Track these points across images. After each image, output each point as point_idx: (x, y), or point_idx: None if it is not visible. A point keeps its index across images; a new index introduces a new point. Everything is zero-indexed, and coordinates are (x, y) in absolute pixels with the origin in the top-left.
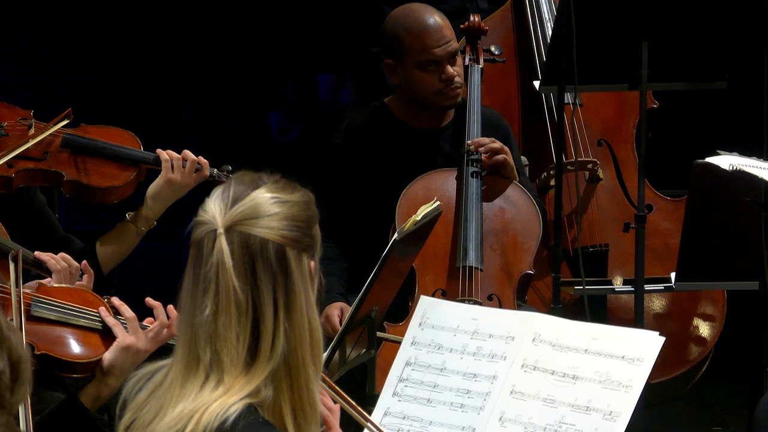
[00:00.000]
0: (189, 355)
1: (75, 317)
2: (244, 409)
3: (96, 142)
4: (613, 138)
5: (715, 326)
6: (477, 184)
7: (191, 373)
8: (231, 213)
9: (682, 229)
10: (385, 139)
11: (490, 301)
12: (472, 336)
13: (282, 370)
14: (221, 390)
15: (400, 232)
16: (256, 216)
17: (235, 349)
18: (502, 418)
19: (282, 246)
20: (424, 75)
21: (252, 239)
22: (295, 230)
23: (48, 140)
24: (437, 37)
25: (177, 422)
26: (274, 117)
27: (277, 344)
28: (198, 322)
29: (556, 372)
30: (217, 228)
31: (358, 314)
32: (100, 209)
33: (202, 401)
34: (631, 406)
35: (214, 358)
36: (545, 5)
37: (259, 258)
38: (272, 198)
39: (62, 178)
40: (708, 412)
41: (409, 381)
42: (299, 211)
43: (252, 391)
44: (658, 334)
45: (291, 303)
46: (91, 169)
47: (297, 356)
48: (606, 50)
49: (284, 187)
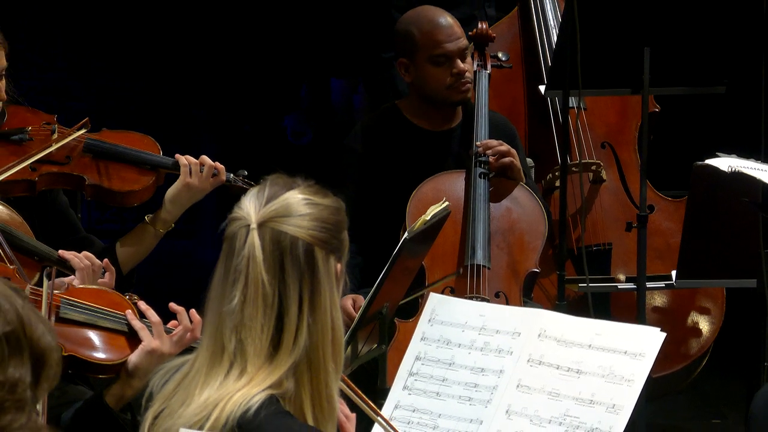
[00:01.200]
0: (215, 344)
1: (102, 319)
2: (266, 399)
3: (117, 147)
4: (616, 140)
5: (715, 322)
6: (484, 185)
7: (216, 361)
8: (264, 210)
9: (682, 229)
10: (396, 140)
11: (497, 298)
12: (480, 332)
13: (303, 364)
14: (245, 380)
15: (410, 231)
16: (288, 215)
17: (259, 339)
18: (508, 411)
19: (311, 245)
20: (435, 69)
21: (283, 236)
22: (324, 232)
23: (70, 145)
24: (448, 33)
25: (202, 410)
26: (289, 121)
27: (300, 338)
28: (225, 312)
29: (561, 366)
30: (251, 223)
31: (369, 310)
32: (121, 209)
33: (226, 390)
34: (634, 399)
35: (239, 347)
36: (550, 13)
37: (288, 254)
38: (304, 199)
39: (84, 181)
40: (707, 405)
41: (419, 375)
42: (329, 214)
43: (274, 382)
44: (659, 330)
45: (316, 300)
46: (112, 173)
47: (318, 352)
48: (609, 56)
49: (317, 191)
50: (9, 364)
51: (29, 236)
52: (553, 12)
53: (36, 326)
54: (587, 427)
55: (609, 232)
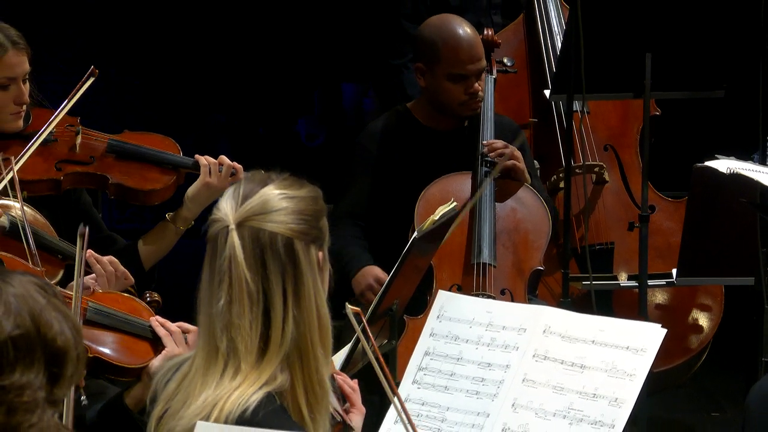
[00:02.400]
0: (209, 344)
1: (127, 324)
2: (263, 398)
3: (139, 147)
4: (619, 143)
5: (714, 319)
6: (490, 186)
7: (211, 362)
8: (241, 210)
9: (682, 228)
10: (406, 141)
11: (503, 295)
12: (487, 328)
13: (294, 354)
14: (240, 378)
15: (420, 230)
16: (265, 211)
17: (248, 336)
18: (514, 405)
19: (290, 239)
20: (452, 86)
21: (262, 233)
22: (302, 223)
23: (94, 146)
24: (471, 54)
25: (201, 410)
26: (302, 123)
27: (287, 330)
28: (214, 313)
29: (565, 361)
30: (229, 224)
31: (380, 307)
32: (141, 208)
33: (223, 390)
34: (635, 393)
35: (230, 346)
36: (555, 20)
37: (268, 250)
38: (280, 194)
39: (107, 181)
40: (707, 398)
41: (427, 370)
42: (306, 205)
43: (269, 378)
44: (660, 326)
45: (299, 291)
46: (135, 172)
47: (306, 341)
48: (612, 61)
49: (292, 183)
50: (16, 369)
51: (51, 235)
52: (557, 19)
53: (52, 325)
54: (591, 420)
55: (611, 231)
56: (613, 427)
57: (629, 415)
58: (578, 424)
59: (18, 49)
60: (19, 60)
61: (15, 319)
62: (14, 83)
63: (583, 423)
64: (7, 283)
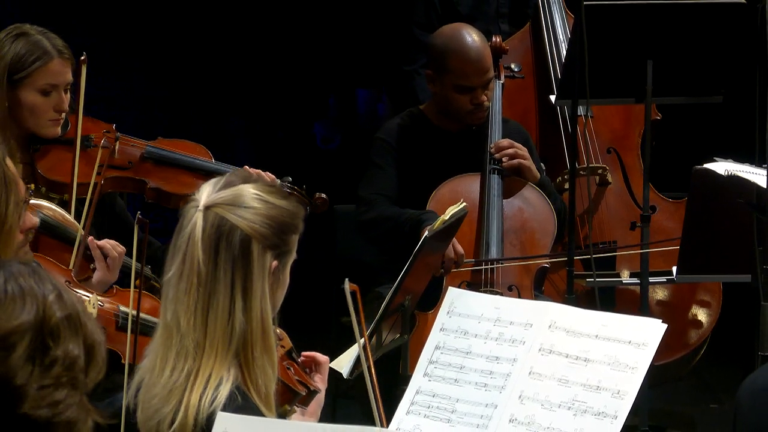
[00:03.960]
0: (162, 315)
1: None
2: (228, 396)
3: (175, 154)
4: (621, 146)
5: (712, 314)
6: (498, 186)
7: (166, 334)
8: (214, 195)
9: (682, 228)
10: (419, 138)
11: (510, 291)
12: (495, 323)
13: (241, 352)
14: (191, 364)
15: (430, 229)
16: (234, 204)
17: (192, 315)
18: (521, 396)
19: (248, 237)
20: (458, 96)
21: (224, 222)
22: (266, 228)
23: (131, 152)
24: (478, 67)
25: (167, 400)
26: (318, 128)
27: (235, 322)
28: (165, 282)
29: (570, 355)
30: (199, 205)
31: (392, 303)
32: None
33: (180, 377)
34: (637, 385)
35: (174, 318)
36: (560, 28)
37: (224, 240)
38: (255, 195)
39: (146, 185)
40: (706, 391)
41: (438, 363)
42: (278, 214)
43: (225, 374)
44: (661, 322)
45: (247, 287)
46: (171, 177)
47: (248, 338)
48: (614, 68)
49: (274, 192)
50: (69, 341)
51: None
52: (562, 27)
53: (89, 320)
54: (594, 412)
55: (614, 230)
56: (615, 418)
57: (631, 406)
58: (582, 415)
59: (63, 58)
60: (63, 69)
61: (65, 302)
62: (56, 90)
63: (587, 414)
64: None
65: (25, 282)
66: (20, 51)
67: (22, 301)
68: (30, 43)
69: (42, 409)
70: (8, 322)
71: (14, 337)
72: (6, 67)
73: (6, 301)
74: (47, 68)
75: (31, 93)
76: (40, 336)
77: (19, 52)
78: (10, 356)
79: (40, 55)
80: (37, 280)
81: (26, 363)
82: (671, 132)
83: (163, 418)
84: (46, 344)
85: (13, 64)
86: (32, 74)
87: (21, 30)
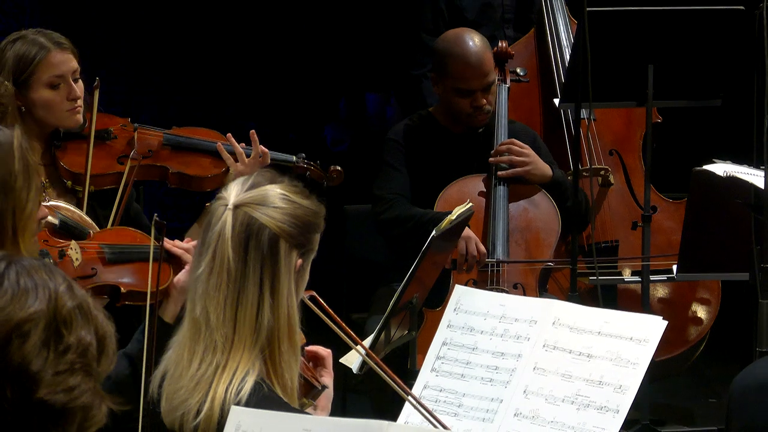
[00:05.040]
0: (191, 310)
1: (138, 254)
2: (254, 386)
3: (191, 139)
4: (623, 148)
5: (711, 312)
6: (504, 188)
7: (194, 329)
8: (243, 195)
9: (682, 227)
10: (427, 139)
11: (515, 289)
12: (500, 320)
13: (266, 347)
14: (219, 357)
15: (438, 229)
16: (263, 204)
17: (222, 310)
18: (526, 391)
19: (276, 236)
20: (458, 98)
21: (252, 221)
22: (293, 227)
23: (150, 141)
24: (477, 71)
25: (192, 392)
26: (329, 130)
27: (262, 317)
28: (194, 278)
29: (573, 351)
30: (228, 204)
31: (401, 301)
32: (179, 209)
33: (208, 370)
34: (638, 381)
35: (204, 314)
36: (564, 33)
37: (253, 238)
38: (282, 195)
39: (168, 171)
40: (705, 386)
41: (445, 358)
42: (303, 213)
43: (250, 367)
44: (662, 319)
45: (276, 285)
46: (191, 161)
47: (275, 333)
48: (616, 72)
49: (299, 191)
50: (82, 329)
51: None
52: (566, 33)
53: (99, 312)
54: (597, 406)
55: (616, 230)
56: (617, 412)
57: (633, 400)
58: (585, 409)
59: (62, 48)
60: (64, 58)
61: (76, 292)
62: (63, 81)
63: (590, 408)
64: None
65: (36, 275)
66: (19, 52)
67: (34, 292)
68: (27, 43)
69: (57, 394)
70: (22, 311)
71: (28, 325)
72: (10, 71)
73: (19, 293)
74: (48, 61)
75: (40, 89)
76: (53, 324)
77: (18, 53)
78: (25, 344)
79: (38, 50)
80: (48, 273)
81: (41, 350)
82: (672, 134)
83: (188, 410)
84: (59, 332)
85: (16, 66)
86: (35, 71)
87: (18, 35)
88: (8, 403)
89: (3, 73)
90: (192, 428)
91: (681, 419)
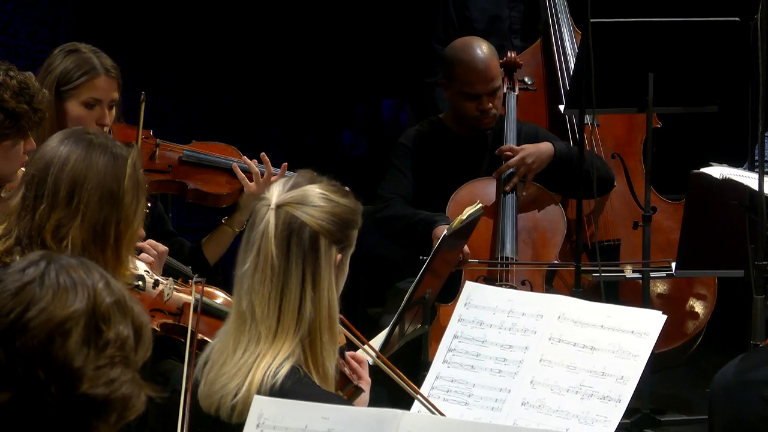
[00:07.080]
0: (237, 304)
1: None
2: (289, 371)
3: (210, 156)
4: (625, 152)
5: (708, 306)
6: (512, 191)
7: (239, 321)
8: (285, 195)
9: (681, 227)
10: (437, 144)
11: (523, 285)
12: (508, 314)
13: (308, 335)
14: (262, 346)
15: (449, 228)
16: (304, 203)
17: (266, 303)
18: (532, 382)
19: (317, 233)
20: (465, 102)
21: (294, 219)
22: (332, 224)
23: (170, 156)
24: (481, 76)
25: (233, 377)
26: (346, 135)
27: (304, 309)
28: (240, 275)
29: (577, 344)
30: (270, 204)
31: (414, 296)
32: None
33: (249, 358)
34: (639, 372)
35: (249, 308)
36: (569, 43)
37: (295, 236)
38: (321, 194)
39: (186, 186)
40: (702, 377)
41: (456, 351)
42: (341, 211)
43: (290, 353)
44: (661, 313)
45: (317, 279)
46: (209, 179)
47: (316, 325)
48: (619, 80)
49: (336, 190)
50: (120, 324)
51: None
52: (570, 43)
53: (135, 304)
54: (600, 396)
55: (618, 229)
56: (619, 402)
57: (634, 390)
58: (589, 398)
59: (110, 76)
60: (108, 86)
61: (113, 288)
62: (99, 105)
63: (593, 398)
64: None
65: (75, 273)
66: (69, 66)
67: (74, 291)
68: (80, 59)
69: (99, 387)
70: (63, 310)
71: (69, 323)
72: (55, 79)
73: (59, 292)
74: (93, 83)
75: (76, 105)
76: (93, 321)
77: (68, 66)
78: (67, 341)
79: (88, 70)
80: (86, 270)
81: (82, 346)
82: (671, 139)
83: (226, 393)
84: (99, 328)
85: (62, 77)
86: (78, 87)
87: (74, 47)
88: (53, 398)
89: (48, 78)
90: (228, 408)
91: (680, 408)
